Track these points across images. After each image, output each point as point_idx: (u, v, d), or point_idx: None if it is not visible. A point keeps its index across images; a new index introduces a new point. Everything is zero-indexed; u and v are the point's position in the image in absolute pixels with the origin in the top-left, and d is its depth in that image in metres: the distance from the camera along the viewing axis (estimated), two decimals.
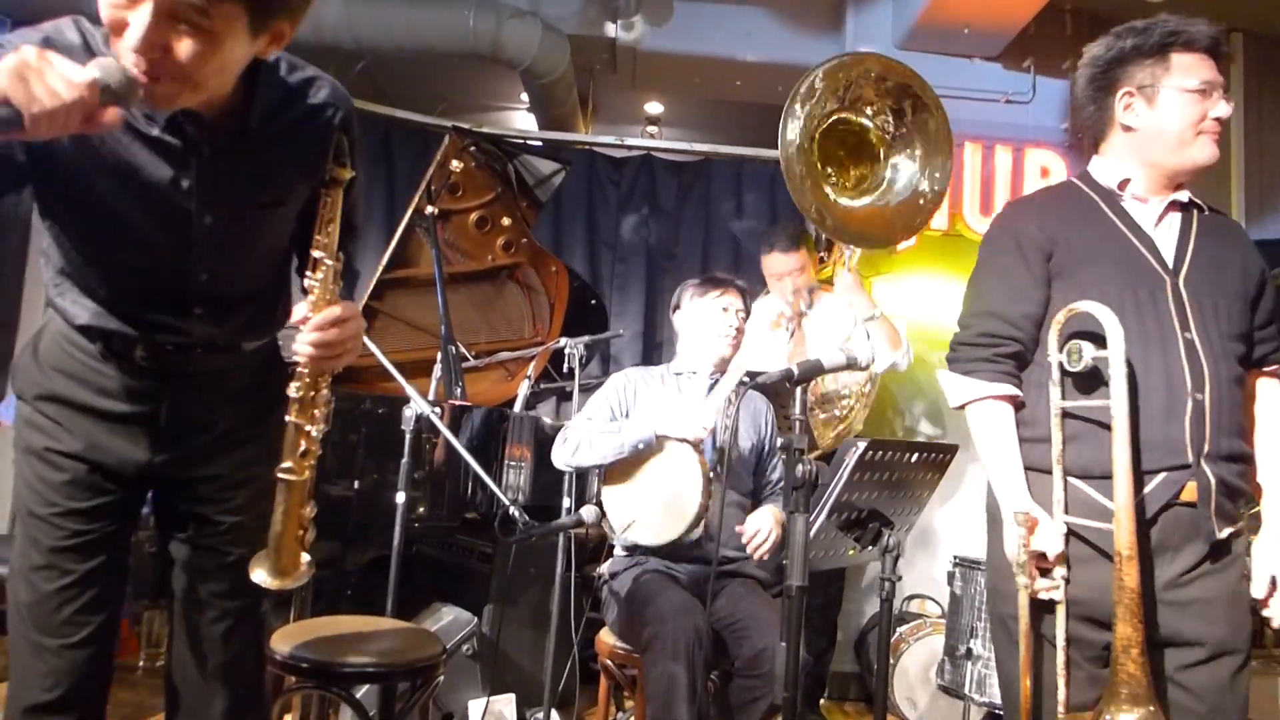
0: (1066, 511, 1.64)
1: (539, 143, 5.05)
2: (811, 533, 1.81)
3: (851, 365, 1.78)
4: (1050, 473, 1.66)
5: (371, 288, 3.72)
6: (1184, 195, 1.77)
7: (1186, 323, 1.65)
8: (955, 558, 3.06)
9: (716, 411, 2.49)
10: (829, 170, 3.07)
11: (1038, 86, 4.62)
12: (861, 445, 1.94)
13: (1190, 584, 1.61)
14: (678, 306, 2.76)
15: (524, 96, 5.64)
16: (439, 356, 3.43)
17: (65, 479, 1.41)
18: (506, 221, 4.07)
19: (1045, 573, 1.61)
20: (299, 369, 1.38)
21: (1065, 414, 1.66)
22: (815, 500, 1.77)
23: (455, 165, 3.79)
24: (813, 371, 1.69)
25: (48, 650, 1.39)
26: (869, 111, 3.10)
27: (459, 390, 3.29)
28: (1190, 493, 1.60)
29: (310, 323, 1.36)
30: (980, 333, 1.76)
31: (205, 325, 1.46)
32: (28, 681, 1.38)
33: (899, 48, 4.56)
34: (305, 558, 1.42)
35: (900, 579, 2.14)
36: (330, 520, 2.75)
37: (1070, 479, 1.65)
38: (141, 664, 3.66)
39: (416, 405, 2.60)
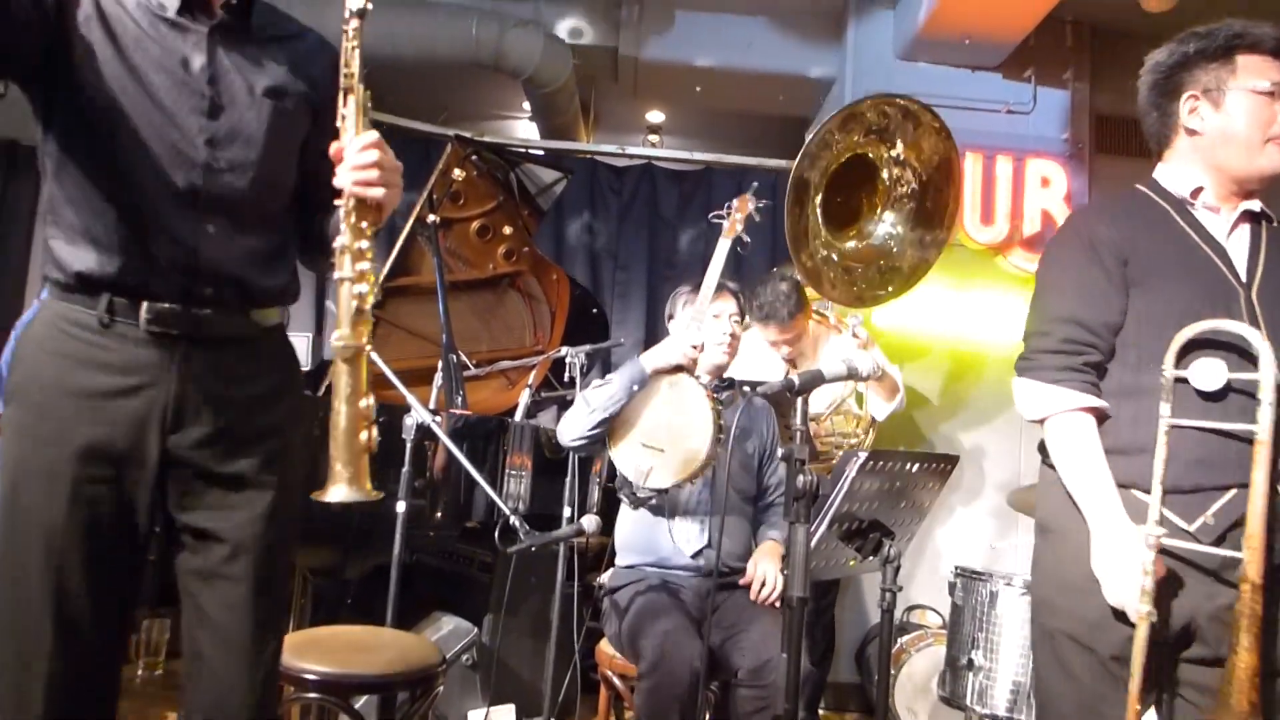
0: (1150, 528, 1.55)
1: (541, 151, 5.07)
2: (812, 543, 1.81)
3: (853, 375, 1.78)
4: (1127, 488, 1.60)
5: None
6: (1255, 205, 1.72)
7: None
8: (956, 568, 3.05)
9: (697, 326, 2.47)
10: (826, 214, 3.01)
11: (1039, 97, 4.62)
12: (863, 455, 1.93)
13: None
14: (672, 315, 2.74)
15: (526, 105, 5.66)
16: (440, 365, 3.43)
17: (76, 477, 1.32)
18: (508, 230, 4.08)
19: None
20: (341, 211, 1.34)
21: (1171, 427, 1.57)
22: (816, 511, 1.77)
23: (457, 174, 3.80)
24: (814, 381, 1.68)
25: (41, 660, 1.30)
26: (889, 155, 3.04)
27: (460, 399, 3.29)
28: None
29: (347, 148, 1.35)
30: (1064, 339, 1.66)
31: (216, 245, 1.40)
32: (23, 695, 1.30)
33: (900, 58, 4.58)
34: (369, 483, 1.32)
35: (901, 589, 2.13)
36: (330, 529, 2.77)
37: (1134, 491, 1.60)
38: (140, 673, 3.65)
39: (417, 414, 2.59)
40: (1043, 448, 1.73)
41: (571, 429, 2.50)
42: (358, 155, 1.33)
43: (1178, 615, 1.57)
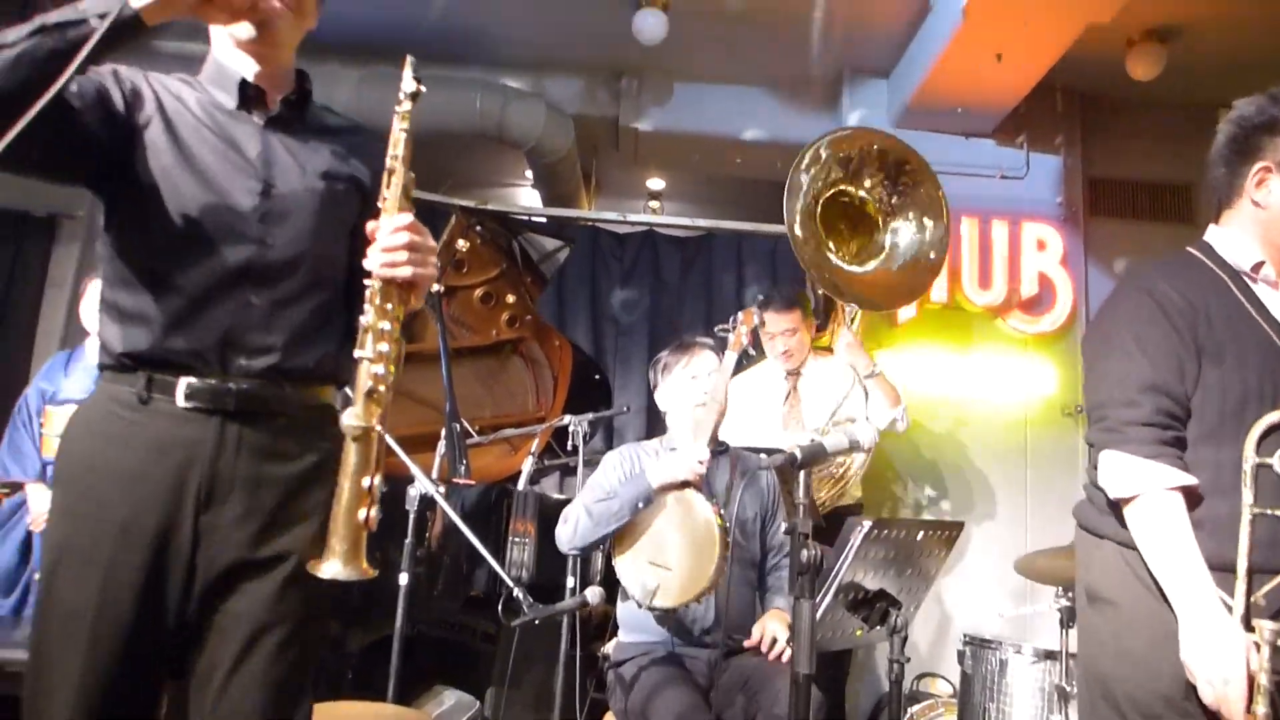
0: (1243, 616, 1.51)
1: (543, 219, 5.14)
2: (819, 613, 1.79)
3: (854, 448, 1.78)
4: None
5: None
6: None
7: None
8: (965, 636, 3.01)
9: (704, 440, 2.45)
10: (830, 241, 3.20)
11: (1031, 162, 4.71)
12: (866, 524, 1.92)
13: None
14: (655, 386, 2.74)
15: (528, 173, 5.76)
16: (444, 432, 3.43)
17: (110, 560, 1.32)
18: (511, 297, 4.13)
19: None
20: (368, 289, 1.35)
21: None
22: (821, 582, 1.76)
23: (461, 244, 3.86)
24: (815, 455, 1.68)
25: None
26: (867, 184, 3.25)
27: (463, 467, 3.28)
28: None
29: (380, 229, 1.36)
30: (1156, 410, 1.56)
31: (258, 317, 1.41)
32: None
33: (894, 126, 4.67)
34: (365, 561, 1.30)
35: (909, 660, 2.11)
36: (331, 601, 2.74)
37: None
38: None
39: (421, 485, 2.59)
40: (1082, 512, 1.69)
41: (572, 539, 2.49)
42: (389, 237, 1.35)
43: None
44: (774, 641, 2.40)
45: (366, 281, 1.35)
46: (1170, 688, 1.52)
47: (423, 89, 1.41)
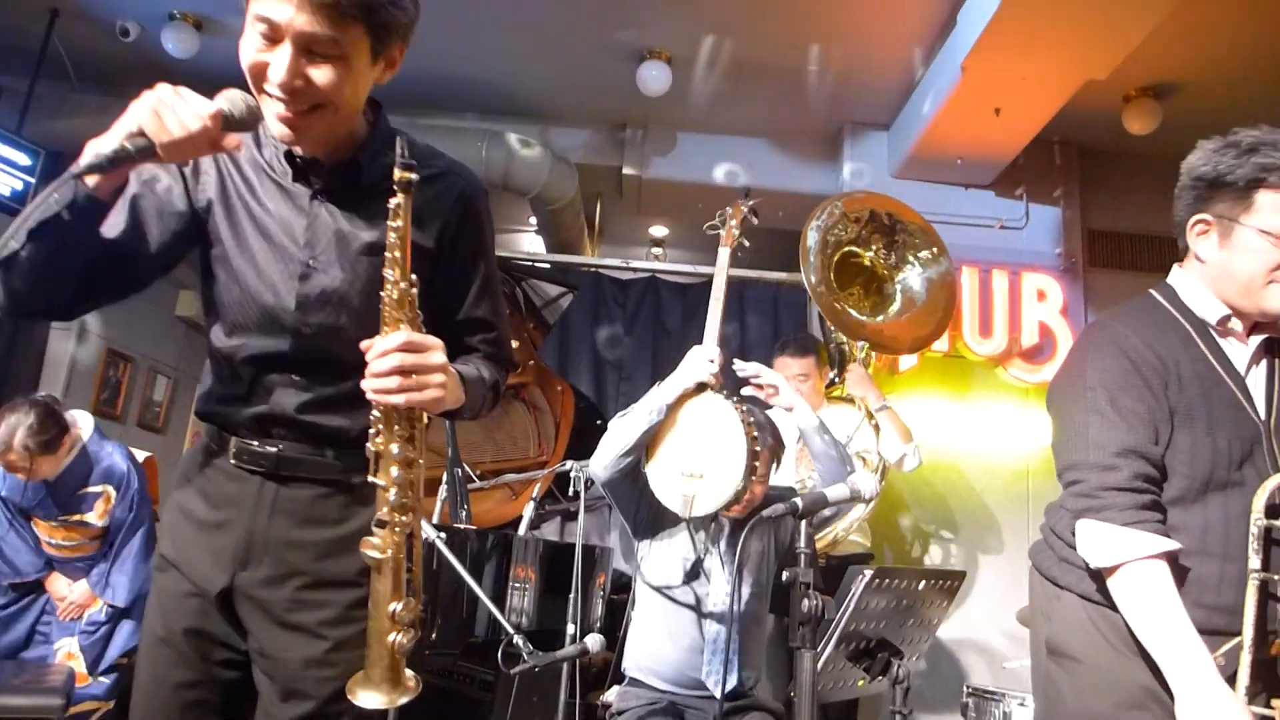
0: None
1: (546, 265, 5.19)
2: (819, 664, 1.78)
3: (855, 498, 1.79)
4: None
5: None
6: (1275, 331, 1.64)
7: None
8: (969, 687, 2.98)
9: (711, 339, 2.45)
10: (844, 293, 3.35)
11: (1031, 213, 4.77)
12: (868, 574, 1.92)
13: None
14: None
15: (532, 220, 5.82)
16: (445, 477, 3.43)
17: (173, 593, 1.41)
18: (514, 343, 4.14)
19: None
20: (373, 413, 1.28)
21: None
22: (822, 633, 1.75)
23: None
24: (817, 504, 1.69)
25: None
26: (874, 246, 3.52)
27: (464, 513, 3.28)
28: (1278, 648, 1.49)
29: (370, 351, 1.26)
30: (1134, 474, 1.51)
31: (293, 395, 1.40)
32: None
33: (894, 177, 4.74)
34: (410, 675, 1.28)
35: (911, 711, 2.09)
36: None
37: None
38: None
39: (422, 530, 2.58)
40: (1044, 571, 1.67)
41: (602, 459, 2.42)
42: (376, 362, 1.24)
43: None
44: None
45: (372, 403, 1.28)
46: None
47: (414, 178, 1.24)
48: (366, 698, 1.26)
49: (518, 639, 2.24)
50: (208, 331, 1.46)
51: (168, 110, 1.19)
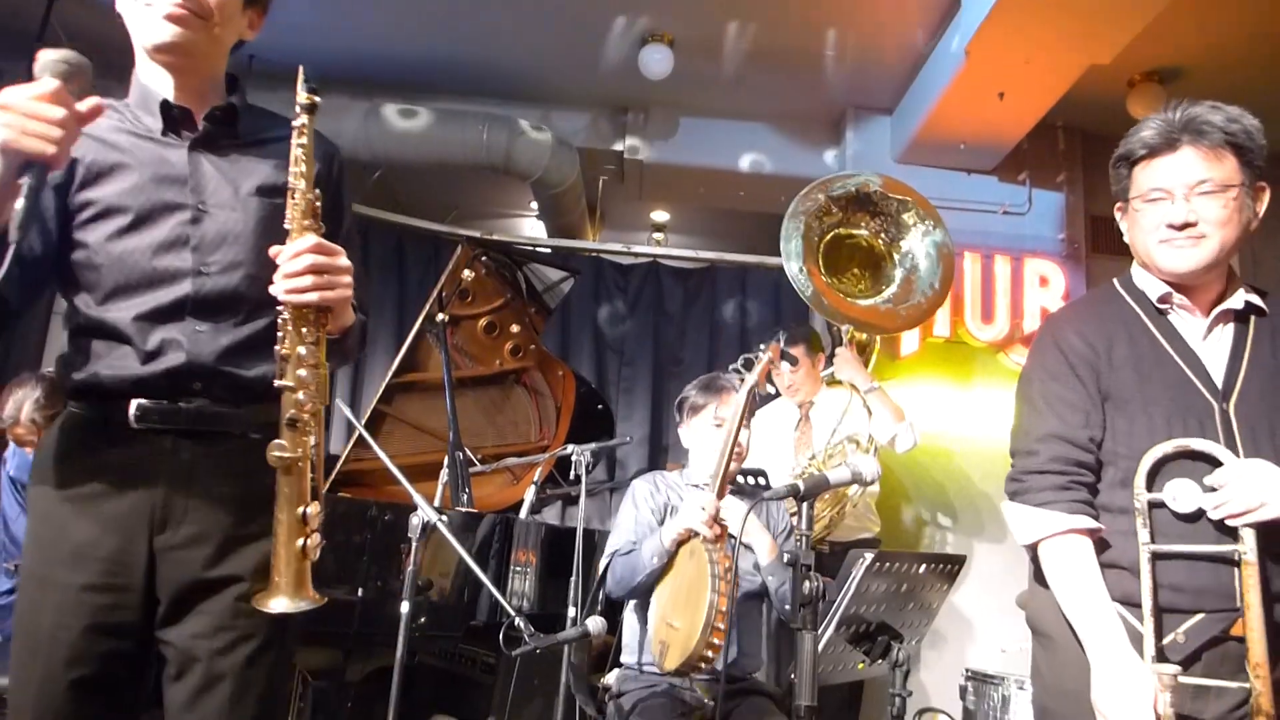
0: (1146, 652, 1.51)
1: (548, 250, 5.18)
2: (820, 646, 1.79)
3: (856, 480, 1.79)
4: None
5: (381, 392, 3.76)
6: (1237, 301, 1.62)
7: (1235, 451, 1.52)
8: (967, 670, 2.99)
9: (711, 488, 2.31)
10: (835, 277, 3.34)
11: (1034, 198, 4.75)
12: (868, 557, 1.92)
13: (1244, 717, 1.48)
14: (680, 423, 2.68)
15: (533, 204, 5.81)
16: (446, 461, 3.43)
17: (64, 584, 1.34)
18: (515, 327, 4.14)
19: None
20: (280, 318, 1.33)
21: (1157, 556, 1.52)
22: (823, 615, 1.75)
23: (466, 274, 3.88)
24: (818, 487, 1.69)
25: None
26: (864, 225, 3.49)
27: (465, 496, 3.29)
28: (1238, 628, 1.48)
29: (281, 254, 1.32)
30: (1051, 458, 1.61)
31: (204, 342, 1.41)
32: None
33: (897, 162, 4.72)
34: (312, 590, 1.30)
35: (911, 694, 2.10)
36: (332, 630, 2.74)
37: (1116, 606, 1.55)
38: None
39: (423, 513, 2.59)
40: (1033, 559, 1.68)
41: (618, 588, 2.43)
42: (289, 262, 1.31)
43: None
44: None
45: (279, 308, 1.34)
46: None
47: (317, 100, 1.36)
48: (275, 603, 1.28)
49: (519, 621, 2.25)
50: (69, 306, 1.44)
51: (30, 125, 1.17)
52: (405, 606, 2.56)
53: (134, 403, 1.38)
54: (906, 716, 2.09)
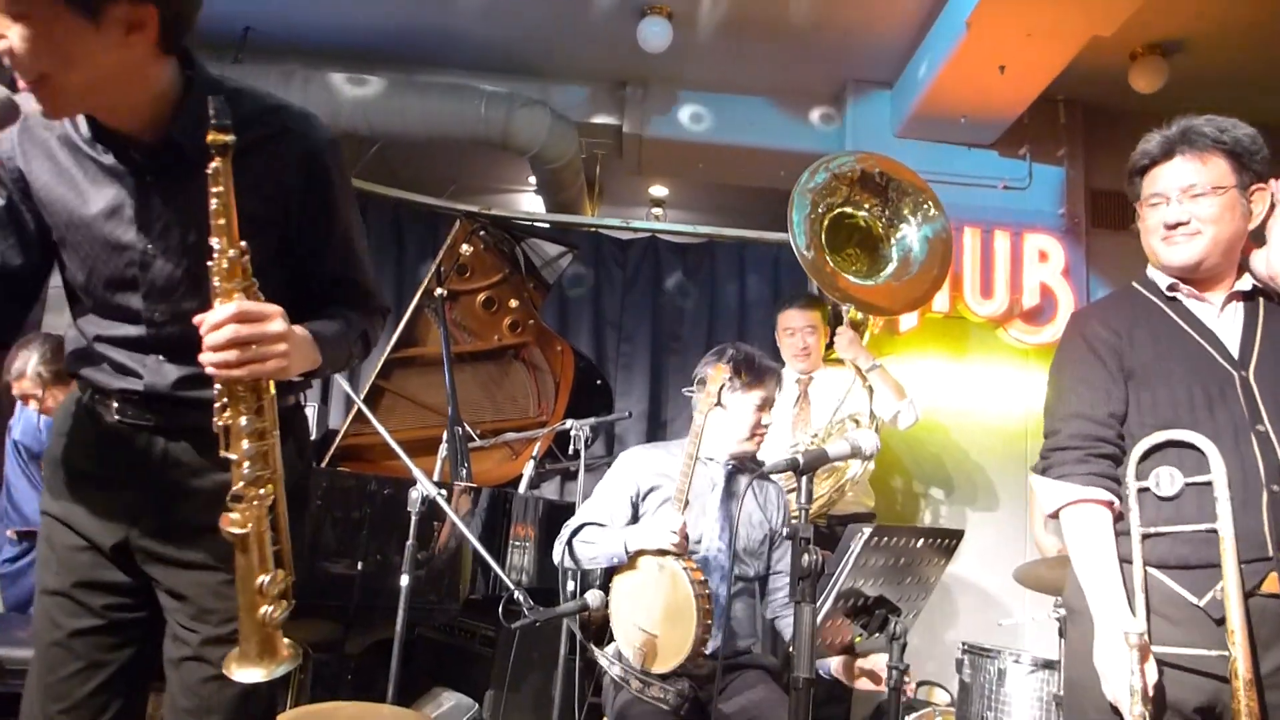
0: (1148, 605, 1.63)
1: (546, 225, 5.16)
2: (819, 619, 1.80)
3: (856, 454, 1.79)
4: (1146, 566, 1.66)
5: (379, 367, 3.76)
6: (1245, 284, 1.77)
7: (1259, 415, 1.64)
8: (964, 644, 3.01)
9: (678, 508, 2.34)
10: (836, 257, 3.36)
11: (1034, 173, 4.73)
12: (866, 531, 1.93)
13: None
14: (697, 394, 2.60)
15: (532, 179, 5.78)
16: (445, 436, 3.44)
17: (63, 547, 1.40)
18: (513, 302, 4.13)
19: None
20: (215, 387, 1.25)
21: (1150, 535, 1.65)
22: (821, 588, 1.76)
23: (465, 249, 3.87)
24: (818, 460, 1.70)
25: None
26: (866, 206, 3.52)
27: (464, 470, 3.29)
28: (1272, 584, 1.57)
29: (203, 325, 1.22)
30: (1072, 435, 1.74)
31: (163, 374, 1.38)
32: None
33: (897, 136, 4.70)
34: (287, 644, 1.28)
35: (908, 666, 2.11)
36: (332, 603, 2.75)
37: (1150, 570, 1.64)
38: None
39: (423, 487, 2.60)
40: None
41: (567, 560, 2.48)
42: (209, 336, 1.21)
43: (1201, 705, 1.57)
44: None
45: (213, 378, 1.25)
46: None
47: (228, 140, 1.18)
48: (245, 674, 1.26)
49: (518, 594, 2.26)
50: (70, 301, 1.46)
51: None
52: (405, 580, 2.58)
53: (114, 400, 1.40)
54: (907, 689, 2.10)
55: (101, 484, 1.40)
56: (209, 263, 1.22)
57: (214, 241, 1.22)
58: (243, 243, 1.23)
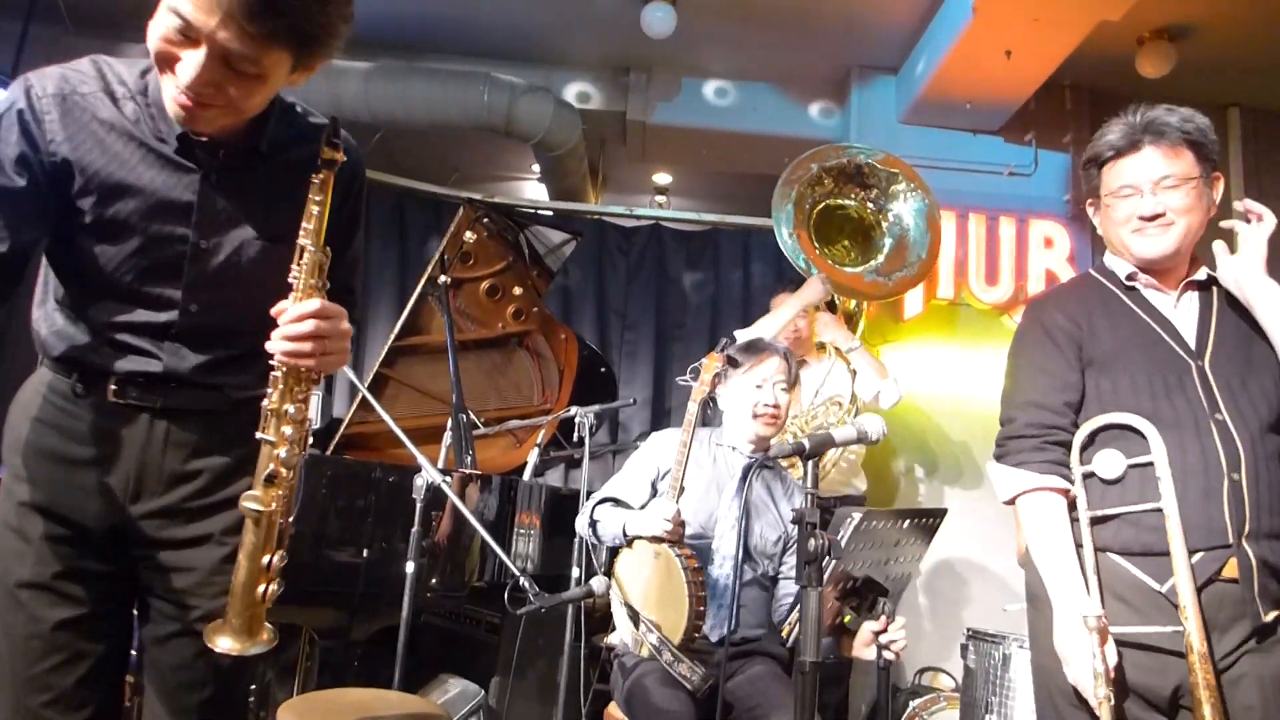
0: (1104, 590, 1.67)
1: (550, 212, 5.15)
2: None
3: (863, 439, 1.79)
4: (1102, 552, 1.70)
5: (383, 355, 3.76)
6: (1201, 274, 1.79)
7: (1216, 404, 1.67)
8: (968, 630, 3.01)
9: (672, 497, 2.37)
10: (826, 247, 3.37)
11: (1040, 159, 4.70)
12: (857, 516, 1.94)
13: (1238, 661, 1.60)
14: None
15: (535, 167, 5.77)
16: (449, 423, 3.44)
17: (41, 537, 1.35)
18: (517, 290, 4.13)
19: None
20: (272, 373, 1.30)
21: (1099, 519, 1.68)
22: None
23: (469, 236, 3.86)
24: (823, 444, 1.69)
25: None
26: (851, 195, 3.59)
27: (469, 458, 3.29)
28: (1231, 569, 1.60)
29: (285, 314, 1.29)
30: (1027, 423, 1.77)
31: (183, 360, 1.39)
32: None
33: (902, 122, 4.68)
34: (268, 627, 1.29)
35: (894, 641, 2.11)
36: (337, 590, 2.76)
37: (1110, 554, 1.68)
38: None
39: (428, 474, 2.60)
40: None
41: (589, 533, 2.55)
42: (292, 325, 1.27)
43: (1163, 687, 1.61)
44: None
45: (272, 363, 1.30)
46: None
47: (342, 158, 1.30)
48: (224, 643, 1.27)
49: (524, 580, 2.27)
50: (57, 277, 1.40)
51: None
52: (410, 567, 2.59)
53: (112, 380, 1.38)
54: (907, 676, 2.11)
55: (93, 466, 1.37)
56: (297, 260, 1.30)
57: (304, 242, 1.30)
58: (328, 249, 1.32)
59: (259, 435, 1.30)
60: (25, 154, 1.29)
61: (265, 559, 1.28)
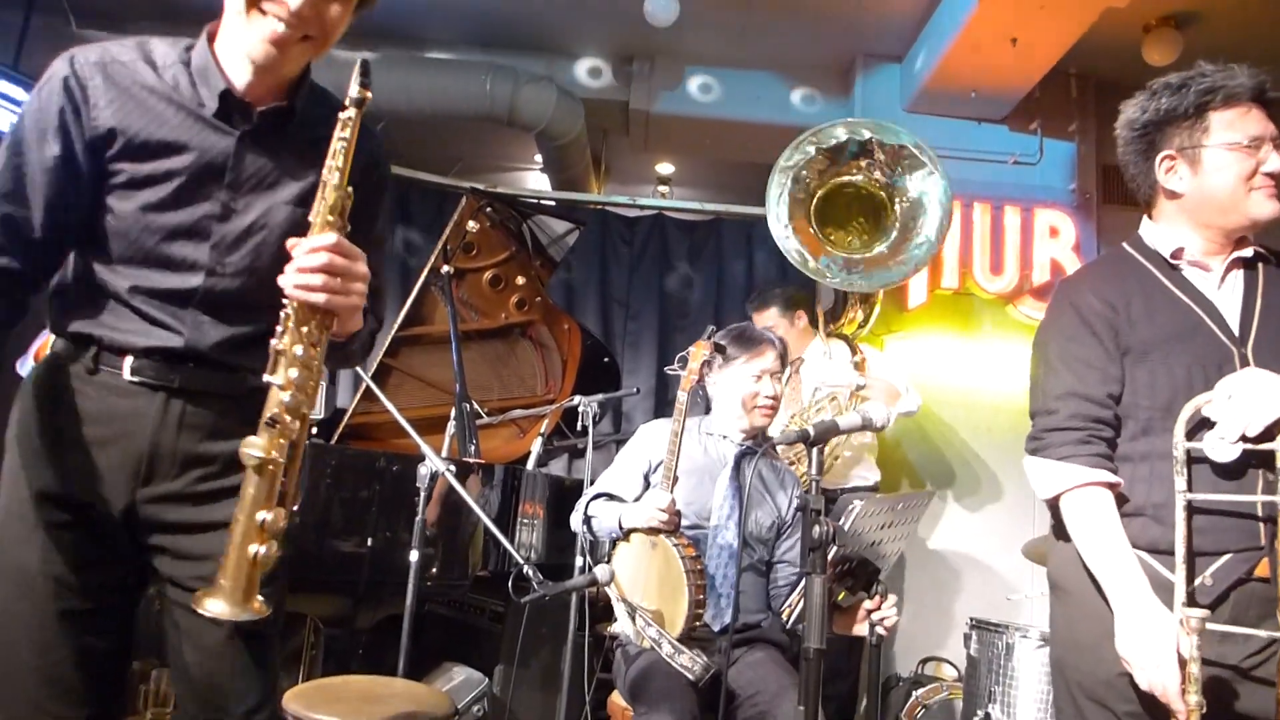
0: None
1: (553, 202, 5.14)
2: None
3: (868, 426, 1.79)
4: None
5: (387, 345, 3.76)
6: (1247, 250, 1.67)
7: None
8: (972, 619, 3.02)
9: (666, 488, 2.36)
10: (832, 232, 3.33)
11: (1045, 148, 4.69)
12: (858, 505, 1.97)
13: (1264, 663, 1.52)
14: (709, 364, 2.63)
15: (538, 157, 5.75)
16: (453, 413, 3.44)
17: (49, 526, 1.34)
18: (520, 280, 4.12)
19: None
20: (283, 311, 1.26)
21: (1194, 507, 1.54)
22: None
23: (472, 225, 3.85)
24: (828, 432, 1.69)
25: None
26: (861, 170, 3.49)
27: (473, 448, 3.30)
28: (1262, 569, 1.52)
29: (298, 247, 1.26)
30: (1071, 415, 1.64)
31: (205, 332, 1.39)
32: None
33: (906, 111, 4.66)
34: (259, 598, 1.21)
35: (884, 620, 2.12)
36: (342, 578, 2.77)
37: (1139, 553, 1.58)
38: None
39: (432, 463, 2.60)
40: (1053, 514, 1.71)
41: (577, 522, 2.54)
42: (305, 257, 1.25)
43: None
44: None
45: (284, 301, 1.26)
46: (1111, 674, 1.57)
47: (369, 95, 1.29)
48: (213, 605, 1.18)
49: (528, 569, 2.27)
50: (76, 252, 1.41)
51: None
52: (414, 556, 2.59)
53: (129, 359, 1.37)
54: (910, 665, 2.11)
55: (105, 446, 1.36)
56: (319, 194, 1.28)
57: (328, 176, 1.28)
58: (349, 188, 1.29)
59: (265, 377, 1.24)
60: (66, 122, 1.33)
61: (260, 515, 1.20)
